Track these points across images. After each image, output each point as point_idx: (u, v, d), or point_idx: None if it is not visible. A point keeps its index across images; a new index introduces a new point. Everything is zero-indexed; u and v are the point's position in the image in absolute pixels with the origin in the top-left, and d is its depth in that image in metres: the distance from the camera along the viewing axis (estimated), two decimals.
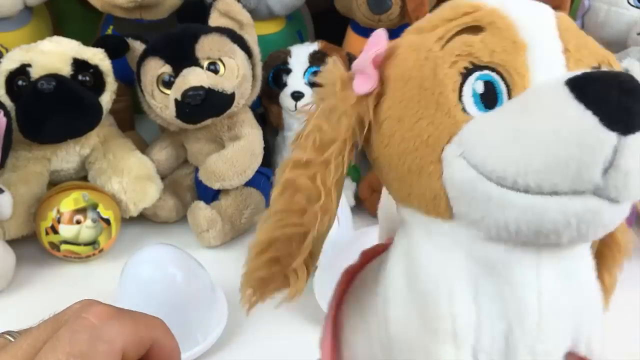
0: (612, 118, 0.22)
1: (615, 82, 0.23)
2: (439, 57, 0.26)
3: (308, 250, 0.29)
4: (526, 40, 0.26)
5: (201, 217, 0.69)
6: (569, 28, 0.28)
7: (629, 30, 0.80)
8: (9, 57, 0.66)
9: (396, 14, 0.80)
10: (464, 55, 0.26)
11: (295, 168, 0.28)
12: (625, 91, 0.22)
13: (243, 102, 0.71)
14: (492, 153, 0.24)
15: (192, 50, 0.67)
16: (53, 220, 0.65)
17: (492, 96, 0.26)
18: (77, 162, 0.71)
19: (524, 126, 0.23)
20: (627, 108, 0.22)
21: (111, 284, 0.57)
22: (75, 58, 0.67)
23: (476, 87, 0.26)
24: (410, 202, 0.28)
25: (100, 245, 0.67)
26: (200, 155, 0.74)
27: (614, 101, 0.22)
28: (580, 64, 0.26)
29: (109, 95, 0.69)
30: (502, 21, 0.26)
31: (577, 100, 0.22)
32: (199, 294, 0.55)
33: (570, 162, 0.22)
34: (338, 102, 0.28)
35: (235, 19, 0.73)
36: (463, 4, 0.28)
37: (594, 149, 0.22)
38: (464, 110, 0.26)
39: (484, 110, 0.26)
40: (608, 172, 0.22)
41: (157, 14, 0.81)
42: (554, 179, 0.23)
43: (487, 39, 0.26)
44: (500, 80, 0.26)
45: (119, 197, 0.70)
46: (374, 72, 0.28)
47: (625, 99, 0.22)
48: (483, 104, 0.26)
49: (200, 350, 0.56)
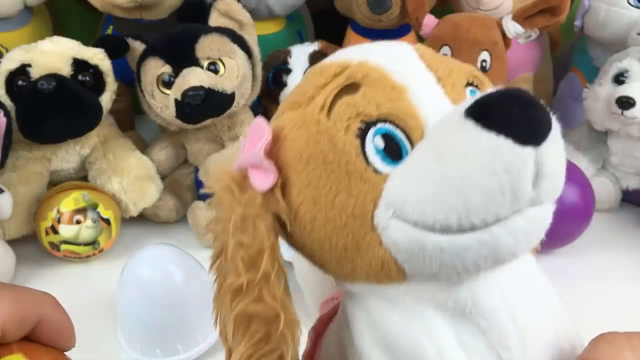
0: (523, 135, 0.22)
1: (511, 99, 0.23)
2: (330, 127, 0.26)
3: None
4: (403, 82, 0.26)
5: (201, 217, 0.69)
6: (432, 56, 0.28)
7: (629, 30, 0.80)
8: (9, 57, 0.66)
9: (396, 14, 0.80)
10: (353, 117, 0.25)
11: (236, 297, 0.26)
12: (523, 105, 0.23)
13: (243, 102, 0.71)
14: (428, 205, 0.24)
15: (192, 50, 0.67)
16: (53, 220, 0.65)
17: (395, 147, 0.25)
18: (77, 162, 0.71)
19: (448, 171, 0.23)
20: (532, 120, 0.23)
21: (111, 284, 0.57)
22: (75, 58, 0.67)
23: (377, 143, 0.25)
24: (356, 277, 0.26)
25: (100, 245, 0.67)
26: (201, 155, 0.74)
27: (518, 118, 0.23)
28: (455, 87, 0.27)
29: (109, 95, 0.69)
30: (374, 72, 0.26)
31: (486, 130, 0.23)
32: (199, 294, 0.55)
33: (505, 190, 0.23)
34: (245, 209, 0.26)
35: (235, 19, 0.73)
36: (330, 66, 0.27)
37: (520, 170, 0.23)
38: (376, 171, 0.25)
39: (395, 164, 0.25)
40: (537, 184, 0.23)
41: (157, 14, 0.81)
42: (495, 210, 0.23)
43: (367, 93, 0.26)
44: (396, 129, 0.25)
45: (119, 197, 0.70)
46: (270, 164, 0.26)
47: (526, 112, 0.23)
48: (390, 158, 0.25)
49: (200, 350, 0.56)
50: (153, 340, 0.54)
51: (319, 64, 0.29)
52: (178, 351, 0.55)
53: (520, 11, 0.72)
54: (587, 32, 0.86)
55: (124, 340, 0.56)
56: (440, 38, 0.71)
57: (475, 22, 0.71)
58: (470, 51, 0.69)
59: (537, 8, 0.71)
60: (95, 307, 0.62)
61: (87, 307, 0.62)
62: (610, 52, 0.78)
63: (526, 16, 0.71)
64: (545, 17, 0.72)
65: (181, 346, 0.55)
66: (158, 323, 0.54)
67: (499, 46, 0.71)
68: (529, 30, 0.72)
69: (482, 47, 0.70)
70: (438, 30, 0.71)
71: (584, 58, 0.91)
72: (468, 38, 0.70)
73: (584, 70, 0.90)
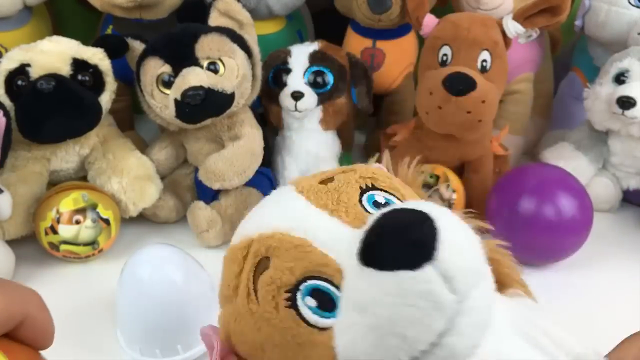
0: (415, 259, 0.24)
1: (390, 231, 0.24)
2: (262, 312, 0.27)
3: None
4: (303, 236, 0.27)
5: (201, 217, 0.69)
6: (316, 191, 0.29)
7: (629, 30, 0.80)
8: (9, 57, 0.66)
9: (396, 13, 0.80)
10: (276, 293, 0.26)
11: None
12: (403, 231, 0.24)
13: (243, 101, 0.71)
14: (376, 354, 0.25)
15: (191, 50, 0.67)
16: (52, 220, 0.65)
17: (325, 298, 0.26)
18: (76, 162, 0.71)
19: (374, 321, 0.24)
20: (416, 243, 0.24)
21: (111, 284, 0.57)
22: (75, 58, 0.67)
23: (309, 304, 0.26)
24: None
25: (100, 245, 0.67)
26: (200, 155, 0.74)
27: (404, 247, 0.24)
28: (349, 211, 0.28)
29: (108, 95, 0.69)
30: (273, 240, 0.27)
31: (383, 271, 0.24)
32: (198, 294, 0.55)
33: (429, 311, 0.24)
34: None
35: (235, 18, 0.72)
36: (236, 250, 0.29)
37: (429, 289, 0.24)
38: (320, 329, 0.26)
39: (332, 314, 0.26)
40: (452, 285, 0.24)
41: (156, 13, 0.81)
42: (433, 329, 0.24)
43: (277, 264, 0.27)
44: (318, 281, 0.26)
45: (119, 197, 0.70)
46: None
47: (408, 237, 0.24)
48: (326, 311, 0.26)
49: (200, 350, 0.55)
50: (153, 340, 0.54)
51: (229, 247, 0.30)
52: (177, 351, 0.55)
53: (520, 11, 0.72)
54: (588, 31, 0.85)
55: (124, 340, 0.56)
56: (441, 38, 0.71)
57: (476, 22, 0.71)
58: (470, 51, 0.69)
59: (538, 8, 0.71)
60: (94, 307, 0.62)
61: (87, 307, 0.62)
62: (610, 52, 0.78)
63: (527, 16, 0.71)
64: (546, 16, 0.72)
65: (180, 346, 0.55)
66: (157, 323, 0.54)
67: (499, 46, 0.71)
68: (529, 29, 0.72)
69: (483, 47, 0.70)
70: (438, 31, 0.71)
71: (584, 58, 0.91)
72: (468, 38, 0.69)
73: (584, 70, 0.90)
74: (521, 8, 0.73)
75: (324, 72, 0.78)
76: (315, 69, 0.78)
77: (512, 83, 0.89)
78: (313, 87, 0.77)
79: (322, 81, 0.78)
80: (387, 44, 0.86)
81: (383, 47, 0.86)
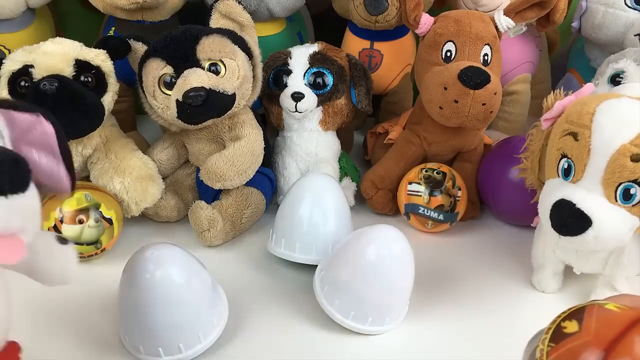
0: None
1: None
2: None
3: None
4: None
5: (202, 217, 0.70)
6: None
7: (626, 32, 0.81)
8: (12, 58, 0.67)
9: (392, 15, 0.81)
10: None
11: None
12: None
13: (244, 102, 0.71)
14: None
15: (193, 52, 0.68)
16: (56, 220, 0.66)
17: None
18: (79, 162, 0.72)
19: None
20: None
21: (113, 283, 0.57)
22: (78, 59, 0.67)
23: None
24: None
25: (103, 244, 0.68)
26: (202, 155, 0.74)
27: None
28: None
29: (110, 95, 0.70)
30: None
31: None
32: (199, 293, 0.56)
33: None
34: None
35: (236, 20, 0.73)
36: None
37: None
38: None
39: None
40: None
41: (158, 15, 0.81)
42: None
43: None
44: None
45: (121, 197, 0.70)
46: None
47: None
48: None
49: (201, 349, 0.56)
50: (154, 339, 0.55)
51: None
52: (180, 350, 0.55)
53: (511, 6, 0.74)
54: (585, 33, 0.86)
55: (126, 339, 0.57)
56: (444, 35, 0.72)
57: (475, 18, 0.72)
58: (474, 46, 0.71)
59: (529, 3, 0.73)
60: (97, 306, 0.63)
61: (89, 306, 0.63)
62: (607, 54, 0.79)
63: (517, 11, 0.73)
64: (535, 10, 0.74)
65: (182, 345, 0.55)
66: (159, 322, 0.54)
67: (497, 40, 0.73)
68: (518, 24, 0.74)
69: (485, 42, 0.71)
70: (441, 28, 0.72)
71: (581, 59, 0.92)
72: (471, 33, 0.71)
73: (581, 71, 0.91)
74: (512, 3, 0.75)
75: (324, 73, 0.78)
76: (316, 70, 0.78)
77: (510, 84, 0.90)
78: (313, 88, 0.78)
79: (322, 82, 0.78)
80: (384, 45, 0.86)
81: (381, 48, 0.86)
